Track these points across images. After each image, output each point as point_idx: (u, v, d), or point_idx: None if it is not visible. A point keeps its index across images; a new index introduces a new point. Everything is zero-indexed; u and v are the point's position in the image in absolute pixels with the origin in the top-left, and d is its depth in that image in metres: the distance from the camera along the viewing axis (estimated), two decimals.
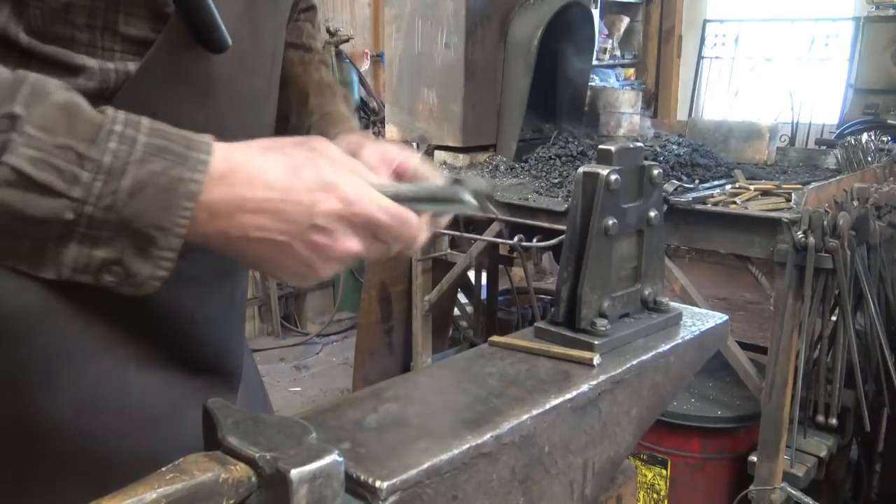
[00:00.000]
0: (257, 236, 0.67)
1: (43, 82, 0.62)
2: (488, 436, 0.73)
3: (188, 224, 0.64)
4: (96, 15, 0.72)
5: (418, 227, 0.74)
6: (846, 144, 2.89)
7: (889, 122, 4.43)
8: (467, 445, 0.71)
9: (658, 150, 2.88)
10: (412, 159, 0.86)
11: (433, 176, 0.85)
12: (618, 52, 6.51)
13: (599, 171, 0.91)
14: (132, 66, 0.75)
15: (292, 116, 1.07)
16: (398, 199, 0.72)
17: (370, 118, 5.88)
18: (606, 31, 6.32)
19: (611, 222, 0.92)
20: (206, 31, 0.76)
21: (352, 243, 0.69)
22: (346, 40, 5.63)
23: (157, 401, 0.83)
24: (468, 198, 0.77)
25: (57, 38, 0.72)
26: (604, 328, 0.93)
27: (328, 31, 5.56)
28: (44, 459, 0.77)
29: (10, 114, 0.60)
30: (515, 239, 2.50)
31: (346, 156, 0.72)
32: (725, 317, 1.08)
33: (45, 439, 0.77)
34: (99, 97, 0.73)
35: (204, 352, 0.90)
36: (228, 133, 0.71)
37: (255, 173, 0.66)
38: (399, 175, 0.85)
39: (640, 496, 2.60)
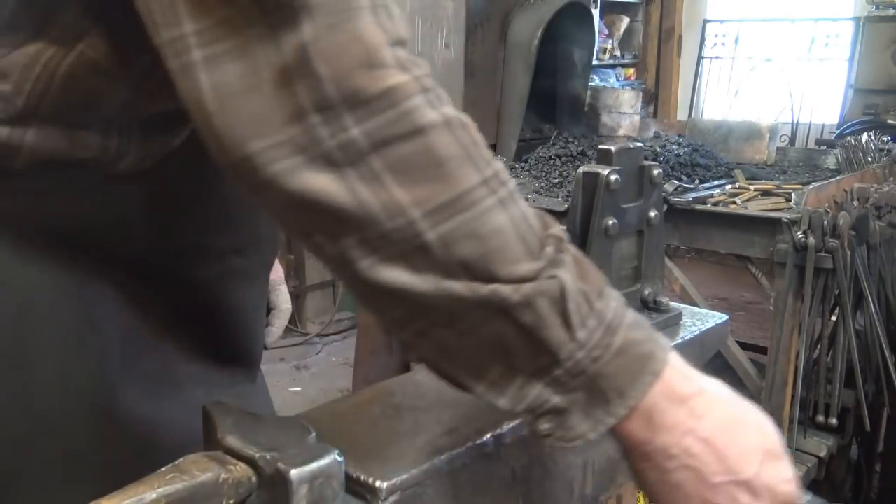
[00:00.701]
0: (691, 465, 0.65)
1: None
2: (488, 436, 0.73)
3: (641, 400, 0.63)
4: None
5: None
6: (846, 144, 2.89)
7: (889, 122, 4.43)
8: (467, 445, 0.71)
9: (658, 150, 2.88)
10: None
11: None
12: (618, 52, 6.50)
13: (599, 171, 0.91)
14: None
15: None
16: None
17: None
18: (606, 31, 6.31)
19: (611, 222, 0.92)
20: None
21: None
22: None
23: (197, 391, 0.86)
24: None
25: None
26: None
27: None
28: (123, 447, 0.80)
29: (557, 236, 0.62)
30: None
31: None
32: (725, 317, 1.08)
33: (123, 427, 0.80)
34: None
35: (237, 342, 0.94)
36: None
37: (720, 406, 0.67)
38: None
39: (640, 496, 2.60)
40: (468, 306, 0.59)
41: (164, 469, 0.58)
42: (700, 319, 1.05)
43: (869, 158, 2.76)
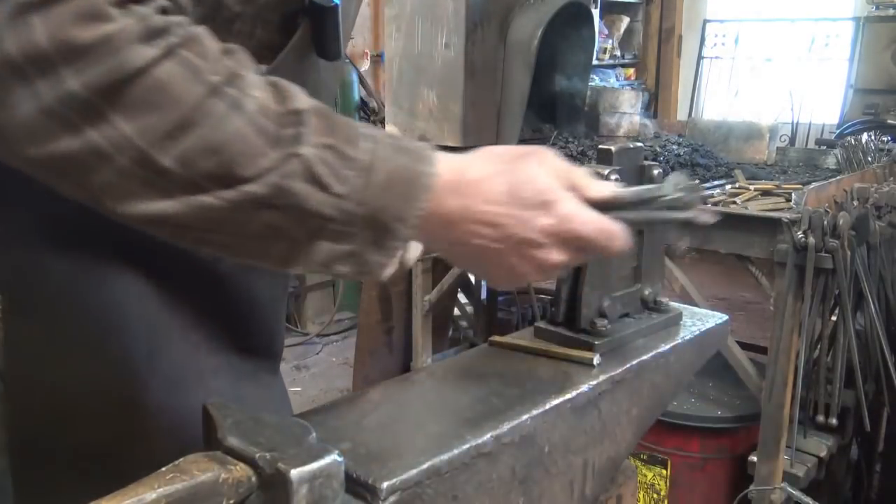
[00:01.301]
0: (476, 243, 0.72)
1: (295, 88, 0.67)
2: (488, 436, 0.73)
3: (422, 215, 0.68)
4: (237, 21, 0.77)
5: (620, 237, 0.77)
6: (846, 144, 2.89)
7: (889, 122, 4.43)
8: (467, 445, 0.71)
9: (658, 150, 2.87)
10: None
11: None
12: (618, 52, 6.50)
13: (599, 171, 0.91)
14: None
15: None
16: (612, 205, 0.78)
17: (370, 118, 5.89)
18: (606, 31, 6.31)
19: None
20: (329, 41, 0.82)
21: (559, 256, 0.75)
22: None
23: (222, 383, 0.87)
24: (670, 189, 0.82)
25: None
26: (604, 328, 0.93)
27: None
28: (146, 441, 0.81)
29: (296, 109, 0.64)
30: None
31: (568, 167, 0.77)
32: (725, 317, 1.08)
33: (145, 420, 0.81)
34: None
35: (259, 335, 0.95)
36: None
37: (482, 187, 0.72)
38: None
39: (640, 496, 2.60)
40: (225, 212, 0.63)
41: (164, 469, 0.58)
42: (700, 319, 1.05)
43: (869, 158, 2.75)
